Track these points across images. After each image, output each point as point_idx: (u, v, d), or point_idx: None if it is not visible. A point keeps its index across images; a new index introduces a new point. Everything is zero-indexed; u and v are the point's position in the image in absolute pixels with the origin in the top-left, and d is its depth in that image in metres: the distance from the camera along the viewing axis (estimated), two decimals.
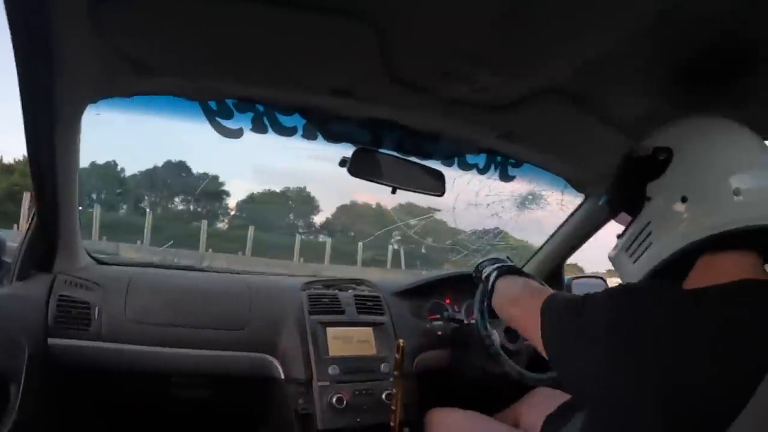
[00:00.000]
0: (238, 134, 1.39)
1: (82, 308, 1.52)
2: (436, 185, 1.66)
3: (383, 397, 1.66)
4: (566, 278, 2.31)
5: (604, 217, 1.98)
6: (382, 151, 1.56)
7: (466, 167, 1.70)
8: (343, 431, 1.62)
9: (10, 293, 1.47)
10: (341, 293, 1.90)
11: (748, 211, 0.80)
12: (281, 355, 1.68)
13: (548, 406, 1.45)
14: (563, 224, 2.16)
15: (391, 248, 14.67)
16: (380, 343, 1.78)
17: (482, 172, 1.73)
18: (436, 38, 1.05)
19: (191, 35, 1.08)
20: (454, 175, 1.74)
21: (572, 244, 2.18)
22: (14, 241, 1.59)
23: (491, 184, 1.93)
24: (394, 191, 1.59)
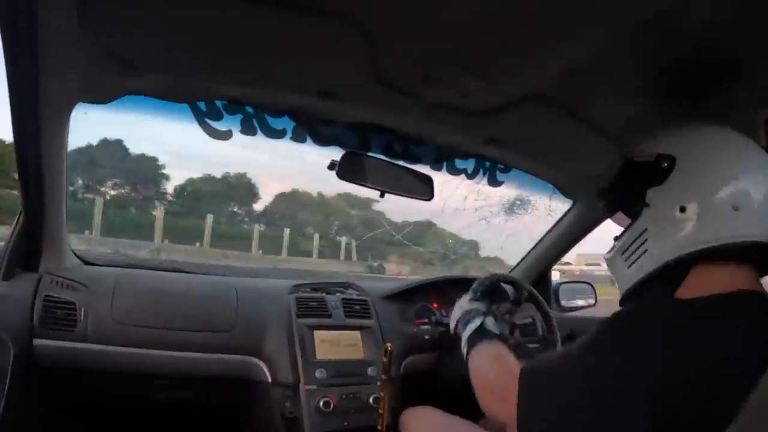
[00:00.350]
0: (227, 136, 1.38)
1: (67, 309, 1.51)
2: (424, 189, 1.66)
3: (370, 400, 1.65)
4: (554, 283, 2.33)
5: (592, 222, 2.00)
6: (370, 155, 1.56)
7: (454, 172, 1.71)
8: None
9: None
10: (329, 296, 1.90)
11: (746, 226, 0.81)
12: (268, 358, 1.67)
13: None
14: (551, 229, 2.18)
15: (344, 240, 14.38)
16: (368, 346, 1.78)
17: (471, 177, 1.73)
18: (421, 42, 1.06)
19: (179, 34, 1.08)
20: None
21: (560, 249, 2.20)
22: None
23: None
24: (382, 195, 1.59)
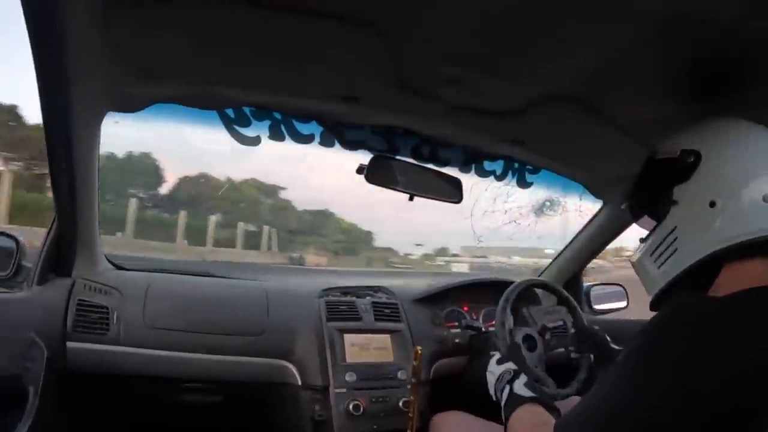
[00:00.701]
0: (255, 142, 1.39)
1: (100, 313, 1.53)
2: (453, 192, 1.65)
3: (400, 404, 1.65)
4: (585, 285, 2.29)
5: (623, 223, 1.96)
6: (398, 158, 1.56)
7: (483, 174, 1.69)
8: None
9: (29, 297, 1.48)
10: (359, 300, 1.90)
11: None
12: (298, 361, 1.68)
13: None
14: (582, 230, 2.15)
15: (267, 229, 13.74)
16: (397, 350, 1.78)
17: (500, 178, 1.72)
18: (442, 45, 1.06)
19: (203, 44, 1.09)
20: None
21: (591, 250, 2.16)
22: None
23: None
24: (411, 198, 1.58)
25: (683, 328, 0.76)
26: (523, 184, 1.76)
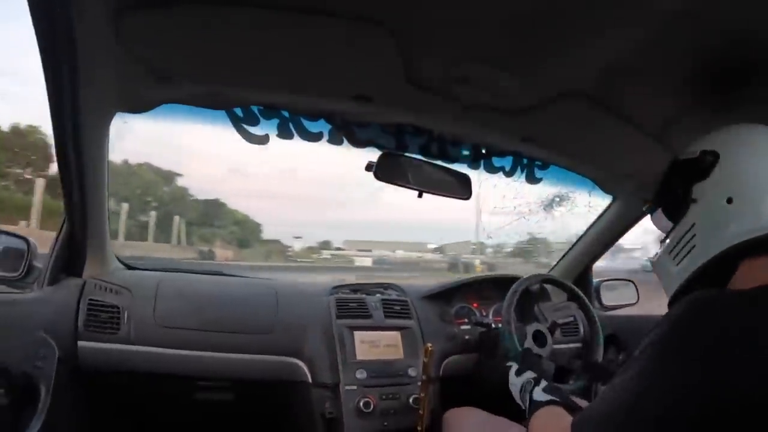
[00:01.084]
0: (264, 140, 1.39)
1: (111, 312, 1.54)
2: (462, 188, 1.64)
3: (410, 401, 1.66)
4: (595, 281, 2.28)
5: (633, 218, 1.95)
6: (407, 155, 1.55)
7: (492, 170, 1.68)
8: None
9: (41, 297, 1.49)
10: (369, 297, 1.91)
11: None
12: (308, 358, 1.68)
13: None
14: (591, 226, 2.13)
15: (177, 221, 13.44)
16: (408, 347, 1.78)
17: (509, 174, 1.70)
18: (455, 43, 1.06)
19: (213, 44, 1.09)
20: None
21: (601, 246, 2.15)
22: None
23: None
24: (420, 195, 1.57)
25: (704, 321, 0.75)
26: (532, 179, 1.74)
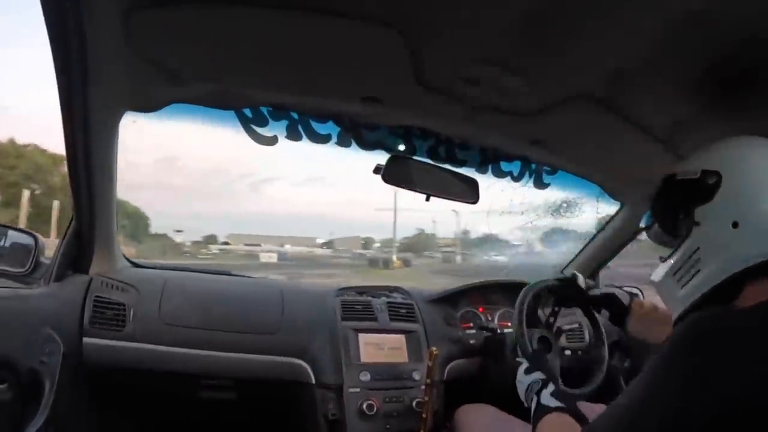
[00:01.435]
0: (273, 141, 1.39)
1: (117, 309, 1.55)
2: (469, 192, 1.64)
3: (413, 404, 1.65)
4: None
5: (640, 225, 1.94)
6: (415, 158, 1.55)
7: (500, 174, 1.68)
8: None
9: (47, 293, 1.50)
10: (374, 300, 1.91)
11: None
12: (313, 360, 1.68)
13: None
14: (598, 233, 2.13)
15: (56, 204, 12.85)
16: (412, 350, 1.78)
17: (517, 179, 1.70)
18: (464, 46, 1.05)
19: (223, 44, 1.09)
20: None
21: (607, 252, 2.15)
22: None
23: None
24: (428, 198, 1.57)
25: (709, 339, 0.75)
26: (540, 184, 1.74)
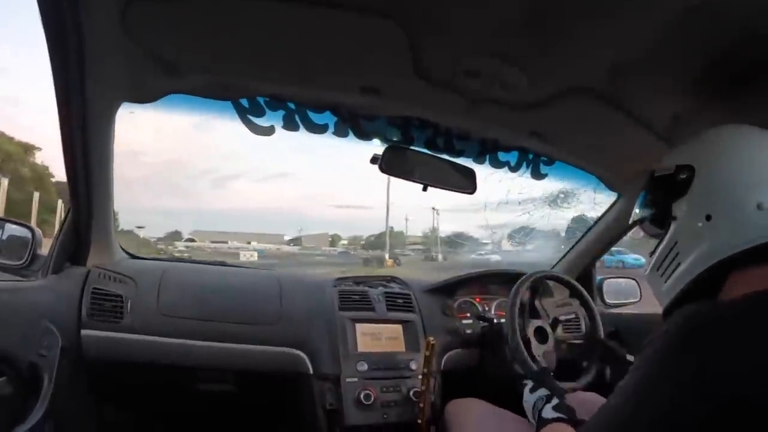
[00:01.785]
0: (269, 132, 1.38)
1: (115, 301, 1.54)
2: (467, 183, 1.64)
3: (411, 394, 1.66)
4: (598, 278, 2.28)
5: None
6: (413, 148, 1.55)
7: (497, 165, 1.68)
8: (369, 428, 1.62)
9: (45, 286, 1.49)
10: (371, 290, 1.91)
11: None
12: (310, 350, 1.68)
13: (580, 410, 1.42)
14: (595, 224, 2.13)
15: (61, 205, 12.68)
16: (409, 340, 1.78)
17: (514, 169, 1.70)
18: (464, 37, 1.05)
19: (221, 35, 1.09)
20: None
21: (604, 243, 2.15)
22: None
23: None
24: (425, 188, 1.57)
25: (696, 333, 0.75)
26: (537, 175, 1.74)
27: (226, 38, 1.10)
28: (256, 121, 1.36)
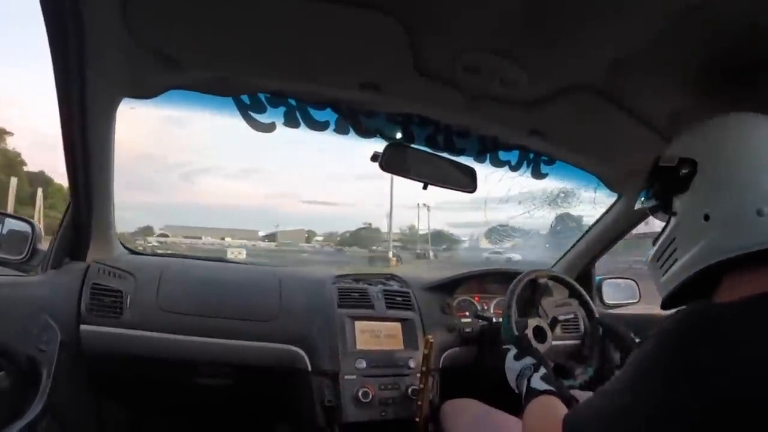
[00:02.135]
0: (270, 128, 1.38)
1: (114, 296, 1.54)
2: (467, 181, 1.63)
3: (409, 392, 1.66)
4: (597, 278, 2.28)
5: (638, 217, 1.94)
6: (413, 146, 1.54)
7: (498, 164, 1.68)
8: (367, 425, 1.62)
9: (44, 281, 1.50)
10: (371, 287, 1.91)
11: None
12: (309, 347, 1.68)
13: None
14: (595, 224, 2.13)
15: (40, 194, 13.06)
16: (408, 338, 1.79)
17: (514, 169, 1.70)
18: (464, 32, 1.05)
19: (222, 30, 1.09)
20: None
21: (604, 244, 2.15)
22: None
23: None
24: (425, 187, 1.57)
25: (693, 332, 0.75)
26: (537, 174, 1.74)
27: (226, 34, 1.10)
28: (257, 117, 1.36)
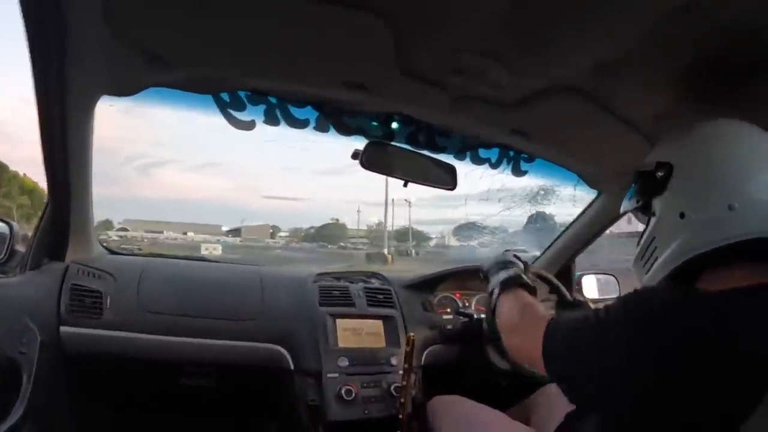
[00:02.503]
0: (250, 126, 1.38)
1: (94, 297, 1.53)
2: (447, 179, 1.65)
3: (391, 389, 1.67)
4: (577, 274, 2.30)
5: (617, 214, 1.97)
6: (394, 144, 1.55)
7: (478, 161, 1.69)
8: (351, 423, 1.62)
9: (23, 282, 1.48)
10: (352, 285, 1.92)
11: (743, 224, 0.81)
12: (291, 345, 1.68)
13: (562, 402, 1.43)
14: (575, 220, 2.16)
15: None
16: (390, 335, 1.79)
17: (494, 166, 1.71)
18: (449, 33, 1.05)
19: (203, 26, 1.08)
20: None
21: (583, 240, 2.17)
22: None
23: None
24: (405, 184, 1.58)
25: (675, 322, 0.78)
26: (517, 172, 1.75)
27: (208, 31, 1.09)
28: (236, 115, 1.35)
